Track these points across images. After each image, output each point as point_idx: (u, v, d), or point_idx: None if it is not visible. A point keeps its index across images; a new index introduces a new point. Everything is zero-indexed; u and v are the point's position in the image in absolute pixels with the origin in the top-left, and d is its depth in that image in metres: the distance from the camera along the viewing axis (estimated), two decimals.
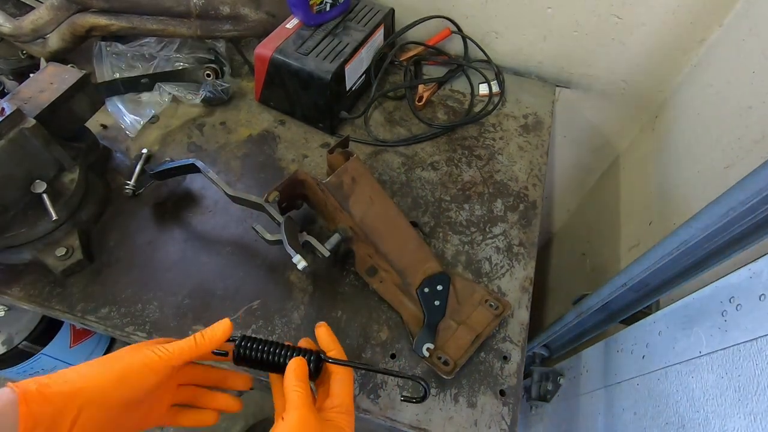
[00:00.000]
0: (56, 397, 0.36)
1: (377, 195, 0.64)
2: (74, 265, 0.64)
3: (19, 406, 0.34)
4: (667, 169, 0.84)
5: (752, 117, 0.64)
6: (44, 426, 0.35)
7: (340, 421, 0.43)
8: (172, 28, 0.84)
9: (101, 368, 0.39)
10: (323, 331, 0.50)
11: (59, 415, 0.35)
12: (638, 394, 0.66)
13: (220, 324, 0.44)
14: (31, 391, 0.35)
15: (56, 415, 0.35)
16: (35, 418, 0.34)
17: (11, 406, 0.34)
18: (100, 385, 0.37)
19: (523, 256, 0.72)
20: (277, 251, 0.68)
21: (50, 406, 0.35)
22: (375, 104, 0.90)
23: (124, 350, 0.42)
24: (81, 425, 0.36)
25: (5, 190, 0.60)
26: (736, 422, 0.47)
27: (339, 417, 0.43)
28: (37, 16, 0.82)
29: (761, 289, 0.48)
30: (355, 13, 0.87)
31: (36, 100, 0.64)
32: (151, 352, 0.40)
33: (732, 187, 0.47)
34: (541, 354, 0.99)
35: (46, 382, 0.37)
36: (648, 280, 0.66)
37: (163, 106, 0.86)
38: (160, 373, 0.40)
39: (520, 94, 0.95)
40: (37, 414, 0.34)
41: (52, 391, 0.36)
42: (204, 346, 0.42)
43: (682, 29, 0.80)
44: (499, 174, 0.82)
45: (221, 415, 0.50)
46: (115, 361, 0.39)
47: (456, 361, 0.59)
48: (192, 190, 0.77)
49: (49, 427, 0.35)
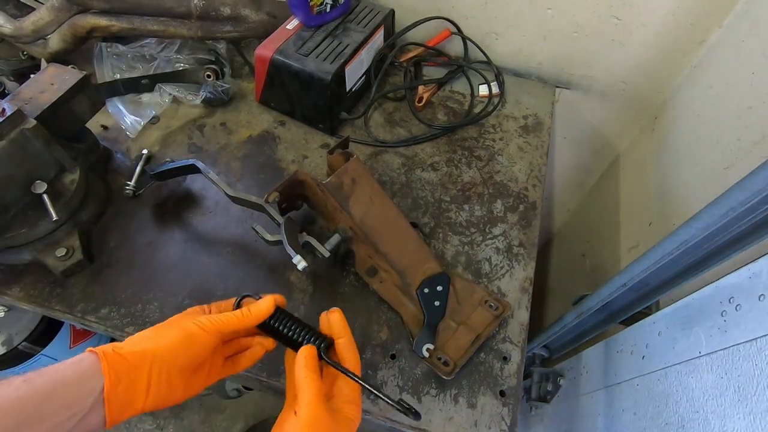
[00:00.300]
0: (130, 355, 0.40)
1: (377, 195, 0.64)
2: (74, 265, 0.65)
3: (101, 363, 0.39)
4: (667, 170, 0.84)
5: (752, 118, 0.64)
6: (125, 382, 0.39)
7: (348, 411, 0.45)
8: (172, 29, 0.84)
9: (165, 333, 0.43)
10: (337, 317, 0.50)
11: (135, 371, 0.40)
12: (638, 395, 0.66)
13: (264, 301, 0.48)
14: (109, 352, 0.40)
15: (132, 371, 0.40)
16: (116, 373, 0.39)
17: (95, 365, 0.39)
18: (166, 346, 0.42)
19: (522, 257, 0.72)
20: (277, 252, 0.68)
21: (126, 363, 0.40)
22: (375, 105, 0.90)
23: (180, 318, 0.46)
24: (156, 382, 0.41)
25: (6, 190, 0.60)
26: (736, 422, 0.47)
27: (347, 407, 0.45)
28: (38, 17, 0.82)
29: (761, 289, 0.48)
30: (355, 14, 0.87)
31: (37, 100, 0.64)
32: (206, 321, 0.45)
33: (731, 187, 0.47)
34: (541, 354, 0.99)
35: (119, 344, 0.42)
36: (648, 280, 0.66)
37: (163, 107, 0.86)
38: (213, 338, 0.44)
39: (520, 95, 0.95)
40: (117, 370, 0.39)
41: (126, 351, 0.41)
42: (249, 320, 0.47)
43: (681, 30, 0.80)
44: (499, 175, 0.82)
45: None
46: (177, 328, 0.44)
47: (456, 361, 0.59)
48: (192, 190, 0.77)
49: (128, 383, 0.39)
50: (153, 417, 1.44)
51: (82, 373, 0.39)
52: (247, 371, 0.60)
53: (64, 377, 0.38)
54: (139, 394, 0.40)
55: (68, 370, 0.38)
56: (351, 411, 0.45)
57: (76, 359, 0.39)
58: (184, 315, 0.47)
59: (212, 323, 0.45)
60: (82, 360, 0.39)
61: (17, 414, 0.35)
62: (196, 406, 1.46)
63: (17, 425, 0.35)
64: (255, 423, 1.41)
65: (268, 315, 0.48)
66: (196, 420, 1.43)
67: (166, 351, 0.42)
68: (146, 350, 0.41)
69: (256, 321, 0.47)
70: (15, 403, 0.35)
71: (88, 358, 0.40)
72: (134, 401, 0.40)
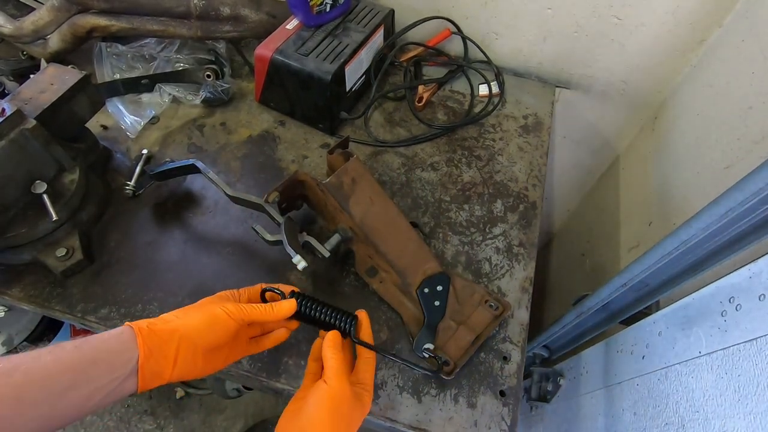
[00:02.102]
0: (161, 332, 0.45)
1: (377, 195, 0.64)
2: (74, 265, 0.65)
3: (137, 338, 0.44)
4: (667, 170, 0.84)
5: (752, 117, 0.64)
6: (155, 355, 0.44)
7: (363, 397, 0.49)
8: (172, 28, 0.84)
9: (194, 314, 0.48)
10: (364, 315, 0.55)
11: (165, 346, 0.45)
12: (638, 395, 0.66)
13: (287, 302, 0.52)
14: (143, 327, 0.45)
15: (162, 345, 0.45)
16: (149, 347, 0.44)
17: (132, 338, 0.44)
18: (193, 326, 0.47)
19: (522, 257, 0.72)
20: (277, 252, 0.68)
21: (157, 338, 0.45)
22: (375, 105, 0.90)
23: (210, 301, 0.50)
24: (182, 357, 0.45)
25: (5, 190, 0.60)
26: (736, 422, 0.47)
27: (362, 393, 0.49)
28: (38, 17, 0.82)
29: (761, 289, 0.48)
30: (355, 14, 0.87)
31: (36, 100, 0.64)
32: (233, 308, 0.49)
33: (731, 187, 0.47)
34: (541, 354, 0.99)
35: (153, 320, 0.46)
36: (648, 280, 0.66)
37: (163, 107, 0.86)
38: (236, 324, 0.49)
39: (520, 94, 0.95)
40: (150, 344, 0.44)
41: (158, 327, 0.45)
42: (272, 316, 0.51)
43: (681, 30, 0.80)
44: (498, 175, 0.82)
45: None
46: (205, 311, 0.48)
47: (456, 361, 0.59)
48: (192, 190, 0.77)
49: (158, 356, 0.44)
50: (153, 417, 1.44)
51: (122, 343, 0.43)
52: (248, 371, 0.60)
53: (108, 346, 0.43)
54: (167, 366, 0.45)
55: (111, 340, 0.43)
56: (365, 396, 0.49)
57: (117, 331, 0.44)
58: (216, 298, 0.51)
59: (238, 312, 0.49)
60: (122, 332, 0.44)
61: (71, 374, 0.40)
62: (196, 406, 1.46)
63: (70, 384, 0.40)
64: (255, 423, 1.41)
65: (289, 314, 0.52)
66: (196, 420, 1.43)
67: (192, 331, 0.46)
68: (175, 329, 0.46)
69: (278, 319, 0.52)
70: (68, 364, 0.40)
71: (127, 331, 0.44)
72: (163, 372, 0.45)
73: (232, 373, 0.62)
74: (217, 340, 0.48)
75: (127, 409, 1.45)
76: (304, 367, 0.60)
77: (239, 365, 0.61)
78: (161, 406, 1.46)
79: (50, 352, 0.41)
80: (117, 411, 1.45)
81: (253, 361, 0.61)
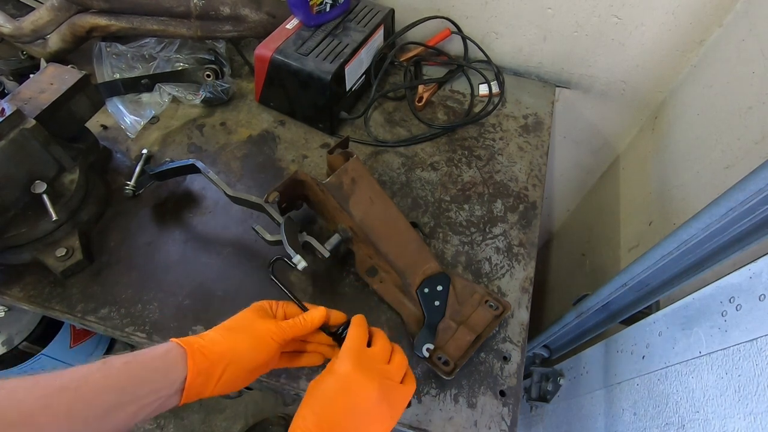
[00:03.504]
0: (211, 354, 0.46)
1: (377, 195, 0.64)
2: (74, 265, 0.65)
3: (188, 359, 0.45)
4: (667, 170, 0.84)
5: (752, 117, 0.64)
6: (202, 376, 0.45)
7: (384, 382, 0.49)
8: (172, 28, 0.84)
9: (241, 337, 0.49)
10: None
11: (212, 368, 0.46)
12: (638, 395, 0.66)
13: (317, 310, 0.53)
14: (195, 349, 0.46)
15: (210, 367, 0.46)
16: (198, 368, 0.45)
17: (180, 358, 0.45)
18: (240, 349, 0.48)
19: (523, 257, 0.72)
20: (277, 251, 0.67)
21: (207, 361, 0.46)
22: (375, 105, 0.90)
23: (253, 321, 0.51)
24: (225, 378, 0.47)
25: (5, 190, 0.60)
26: (736, 422, 0.47)
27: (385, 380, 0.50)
28: (38, 16, 0.82)
29: (761, 289, 0.48)
30: (355, 13, 0.87)
31: (36, 100, 0.64)
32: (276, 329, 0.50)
33: (732, 187, 0.47)
34: (541, 354, 0.99)
35: (202, 341, 0.47)
36: (648, 280, 0.66)
37: (163, 107, 0.86)
38: (278, 343, 0.50)
39: (520, 94, 0.95)
40: (199, 366, 0.45)
41: (209, 350, 0.46)
42: (308, 328, 0.52)
43: (681, 30, 0.80)
44: (499, 174, 0.82)
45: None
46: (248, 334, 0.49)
47: (456, 361, 0.59)
48: (192, 190, 0.77)
49: (205, 377, 0.45)
50: (153, 417, 1.44)
51: (168, 363, 0.44)
52: None
53: (155, 366, 0.44)
54: (210, 385, 0.46)
55: (158, 360, 0.44)
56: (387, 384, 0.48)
57: (163, 350, 0.45)
58: (255, 314, 0.52)
59: (280, 333, 0.50)
60: (169, 351, 0.45)
61: (117, 393, 0.41)
62: (196, 406, 1.46)
63: (116, 403, 0.40)
64: (255, 423, 1.41)
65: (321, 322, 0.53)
66: (196, 420, 1.43)
67: (241, 354, 0.48)
68: (224, 351, 0.47)
69: (314, 328, 0.53)
70: (117, 383, 0.41)
71: (175, 350, 0.45)
72: (204, 390, 0.46)
73: None
74: (260, 361, 0.49)
75: None
76: (303, 367, 0.60)
77: None
78: None
79: (99, 369, 0.41)
80: None
81: None
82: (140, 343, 0.62)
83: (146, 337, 0.62)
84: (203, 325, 0.63)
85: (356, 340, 0.49)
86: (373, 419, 0.45)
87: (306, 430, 0.43)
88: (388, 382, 0.47)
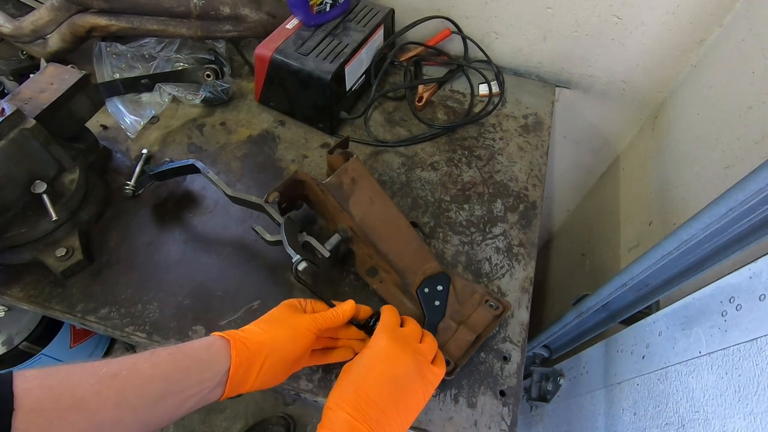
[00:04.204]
0: (252, 345, 0.48)
1: (377, 195, 0.64)
2: (74, 265, 0.64)
3: (231, 350, 0.46)
4: (667, 170, 0.84)
5: (752, 117, 0.64)
6: (244, 366, 0.46)
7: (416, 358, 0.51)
8: (172, 28, 0.84)
9: (279, 329, 0.50)
10: None
11: (253, 359, 0.47)
12: (638, 395, 0.66)
13: (347, 303, 0.55)
14: (237, 340, 0.47)
15: (251, 358, 0.47)
16: (240, 359, 0.46)
17: (224, 350, 0.46)
18: (280, 340, 0.49)
19: (523, 257, 0.72)
20: (277, 252, 0.68)
21: (248, 351, 0.47)
22: (375, 105, 0.90)
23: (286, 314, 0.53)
24: (265, 368, 0.48)
25: (5, 190, 0.60)
26: (736, 422, 0.47)
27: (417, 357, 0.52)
28: (38, 16, 0.82)
29: (761, 289, 0.48)
30: (354, 13, 0.87)
31: (36, 100, 0.64)
32: (310, 320, 0.52)
33: (732, 187, 0.47)
34: (541, 354, 0.99)
35: (243, 333, 0.49)
36: (648, 280, 0.66)
37: (163, 107, 0.86)
38: (314, 335, 0.51)
39: (520, 94, 0.95)
40: (241, 356, 0.46)
41: (250, 341, 0.48)
42: (340, 319, 0.54)
43: (681, 30, 0.80)
44: (499, 174, 0.82)
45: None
46: (286, 325, 0.51)
47: (456, 361, 0.59)
48: (192, 190, 0.77)
49: (246, 368, 0.47)
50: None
51: (212, 354, 0.46)
52: None
53: (200, 357, 0.45)
54: (251, 376, 0.47)
55: (203, 351, 0.46)
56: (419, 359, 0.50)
57: (207, 342, 0.47)
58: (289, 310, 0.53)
59: (315, 324, 0.52)
60: (213, 343, 0.47)
61: (165, 382, 0.42)
62: None
63: (164, 392, 0.42)
64: (255, 423, 1.41)
65: (352, 314, 0.55)
66: (196, 420, 1.43)
67: (280, 344, 0.49)
68: (264, 342, 0.48)
69: (345, 320, 0.55)
70: (163, 372, 0.43)
71: (218, 342, 0.47)
72: (246, 382, 0.47)
73: None
74: (298, 352, 0.50)
75: None
76: (303, 368, 0.60)
77: None
78: None
79: (147, 359, 0.43)
80: None
81: None
82: (140, 343, 0.62)
83: (146, 337, 0.62)
84: (203, 325, 0.63)
85: (390, 320, 0.52)
86: (408, 390, 0.47)
87: (345, 402, 0.44)
88: (420, 357, 0.49)
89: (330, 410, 0.44)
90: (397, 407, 0.46)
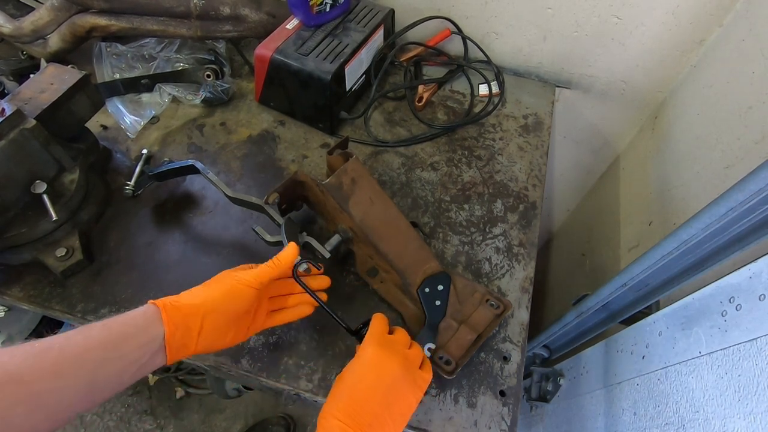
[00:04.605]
0: (184, 307, 0.47)
1: (377, 196, 0.64)
2: (74, 265, 0.65)
3: (162, 314, 0.46)
4: (667, 170, 0.84)
5: (752, 117, 0.64)
6: (181, 329, 0.46)
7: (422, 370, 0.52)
8: (172, 28, 0.84)
9: (213, 288, 0.50)
10: None
11: (190, 320, 0.47)
12: (638, 395, 0.66)
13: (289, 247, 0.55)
14: (168, 304, 0.47)
15: (187, 320, 0.47)
16: (174, 322, 0.46)
17: (156, 314, 0.46)
18: (215, 298, 0.49)
19: (523, 257, 0.72)
20: (277, 252, 0.68)
21: (181, 313, 0.47)
22: (375, 105, 0.90)
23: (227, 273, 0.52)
24: (206, 329, 0.48)
25: (5, 190, 0.60)
26: (736, 422, 0.47)
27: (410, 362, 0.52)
28: (38, 16, 0.82)
29: (761, 289, 0.48)
30: (354, 13, 0.87)
31: (36, 100, 0.64)
32: (244, 274, 0.51)
33: (731, 187, 0.47)
34: (541, 354, 0.99)
35: (176, 298, 0.48)
36: (648, 280, 0.66)
37: (163, 107, 0.86)
38: (254, 288, 0.51)
39: (520, 94, 0.95)
40: (174, 319, 0.46)
41: (182, 303, 0.48)
42: (280, 267, 0.53)
43: (681, 30, 0.80)
44: (499, 174, 0.82)
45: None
46: (221, 284, 0.51)
47: (457, 360, 0.59)
48: (192, 190, 0.77)
49: (184, 330, 0.46)
50: (153, 417, 1.44)
51: (147, 320, 0.46)
52: (248, 371, 0.60)
53: (136, 323, 0.45)
54: (192, 339, 0.47)
55: (138, 318, 0.46)
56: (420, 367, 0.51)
57: (142, 309, 0.47)
58: (231, 271, 0.53)
59: (253, 277, 0.51)
60: (146, 310, 0.46)
61: (101, 350, 0.42)
62: (196, 406, 1.46)
63: (103, 358, 0.42)
64: (255, 423, 1.41)
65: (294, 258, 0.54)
66: (196, 420, 1.43)
67: (216, 303, 0.49)
68: (197, 303, 0.48)
69: (287, 266, 0.54)
70: (99, 341, 0.43)
71: (151, 309, 0.47)
72: (188, 345, 0.47)
73: (232, 373, 0.62)
74: (238, 309, 0.50)
75: (127, 409, 1.45)
76: (303, 367, 0.61)
77: (239, 365, 0.61)
78: (161, 406, 1.46)
79: (80, 332, 0.43)
80: (117, 411, 1.45)
81: (253, 361, 0.61)
82: None
83: None
84: None
85: (378, 328, 0.52)
86: (398, 394, 0.47)
87: (338, 410, 0.44)
88: (409, 363, 0.50)
89: (324, 419, 0.44)
90: (389, 412, 0.46)
